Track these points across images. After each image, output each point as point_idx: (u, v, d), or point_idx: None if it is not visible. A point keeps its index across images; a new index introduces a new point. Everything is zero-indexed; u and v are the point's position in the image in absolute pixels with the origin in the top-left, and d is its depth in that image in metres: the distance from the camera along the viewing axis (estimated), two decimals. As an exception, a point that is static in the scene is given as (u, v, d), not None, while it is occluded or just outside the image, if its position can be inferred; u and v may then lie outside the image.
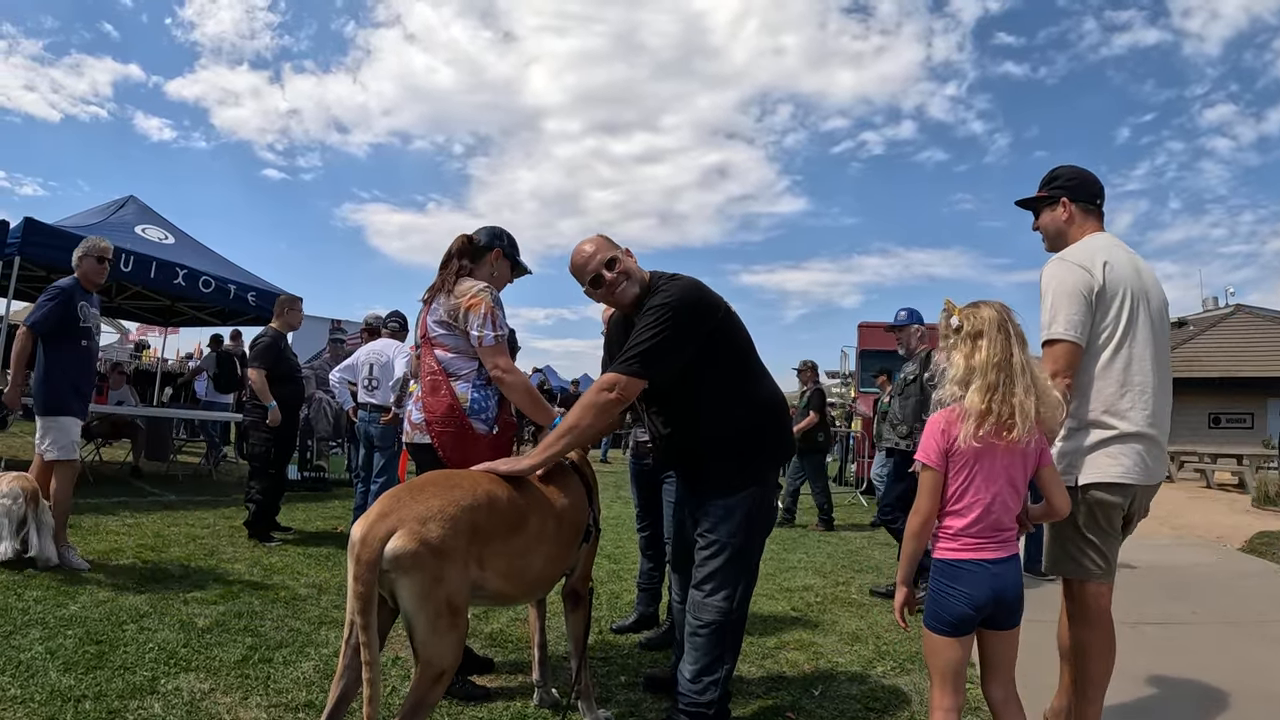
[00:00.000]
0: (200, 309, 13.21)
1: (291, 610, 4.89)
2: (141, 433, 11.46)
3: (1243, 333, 28.34)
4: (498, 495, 2.96)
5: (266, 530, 7.17)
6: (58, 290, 5.63)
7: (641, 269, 3.54)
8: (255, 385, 7.32)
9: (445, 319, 3.74)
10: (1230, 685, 4.44)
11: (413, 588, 2.58)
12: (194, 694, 3.48)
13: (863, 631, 5.20)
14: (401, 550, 2.55)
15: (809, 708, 3.81)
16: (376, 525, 2.60)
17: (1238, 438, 24.69)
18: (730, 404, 3.43)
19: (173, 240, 10.99)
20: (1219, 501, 14.97)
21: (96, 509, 7.89)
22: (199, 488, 10.61)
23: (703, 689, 3.30)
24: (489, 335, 3.64)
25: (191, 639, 4.20)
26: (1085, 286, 3.11)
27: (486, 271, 3.98)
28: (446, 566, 2.63)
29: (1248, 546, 9.61)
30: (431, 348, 3.79)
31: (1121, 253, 3.27)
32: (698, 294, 3.38)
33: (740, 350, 3.53)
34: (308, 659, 4.00)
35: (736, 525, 3.37)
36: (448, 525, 2.67)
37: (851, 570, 7.35)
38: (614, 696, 3.84)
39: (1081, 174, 3.47)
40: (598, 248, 3.50)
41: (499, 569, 2.90)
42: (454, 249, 3.90)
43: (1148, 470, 3.14)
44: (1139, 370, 3.12)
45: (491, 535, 2.86)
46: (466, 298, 3.70)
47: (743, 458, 3.43)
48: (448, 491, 2.81)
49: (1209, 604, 6.45)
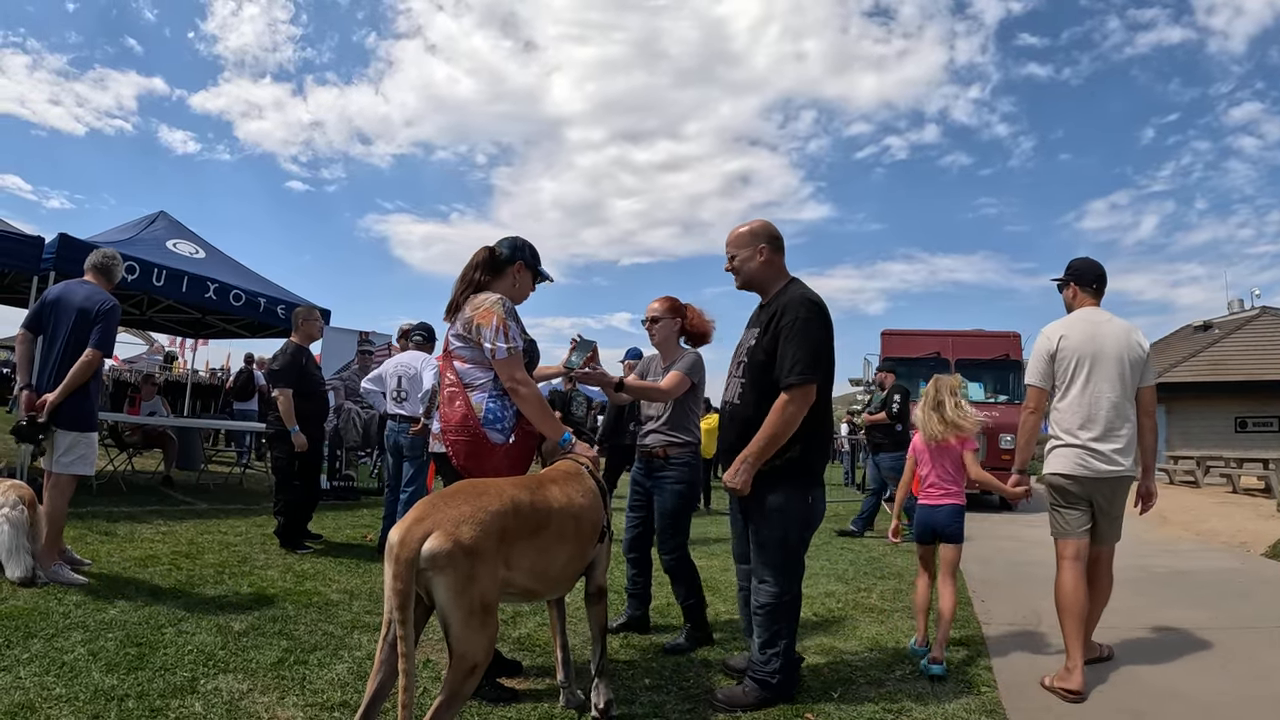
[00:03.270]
0: (230, 321, 13.40)
1: (324, 615, 5.02)
2: (173, 443, 11.64)
3: (1269, 335, 27.98)
4: (522, 500, 3.16)
5: (297, 539, 7.29)
6: (117, 310, 5.65)
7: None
8: (281, 409, 7.29)
9: (462, 332, 3.81)
10: (1248, 690, 4.45)
11: (448, 585, 2.76)
12: (233, 694, 3.61)
13: (883, 637, 5.27)
14: (438, 550, 2.74)
15: (828, 710, 3.87)
16: (414, 528, 2.78)
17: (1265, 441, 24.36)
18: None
19: (204, 255, 11.18)
20: (1244, 506, 14.80)
21: (131, 517, 8.06)
22: (230, 497, 10.82)
23: (766, 660, 3.90)
24: (501, 348, 3.71)
25: (228, 642, 4.34)
26: (1046, 351, 4.74)
27: (508, 284, 4.02)
28: (479, 566, 2.82)
29: (1271, 552, 9.53)
30: (450, 360, 3.86)
31: (1084, 325, 4.73)
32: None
33: None
34: (341, 661, 4.13)
35: (782, 520, 3.91)
36: (479, 528, 2.85)
37: (874, 577, 7.38)
38: (638, 698, 3.91)
39: (1086, 264, 4.95)
40: None
41: (525, 568, 3.13)
42: (475, 261, 3.99)
43: (1086, 466, 4.56)
44: (1084, 404, 4.60)
45: (518, 537, 3.06)
46: (479, 311, 3.78)
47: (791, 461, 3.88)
48: (477, 498, 2.99)
49: (1229, 609, 6.43)
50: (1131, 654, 5.10)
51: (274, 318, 11.12)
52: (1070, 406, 4.64)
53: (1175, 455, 23.11)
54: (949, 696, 4.13)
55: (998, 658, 4.92)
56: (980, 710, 3.96)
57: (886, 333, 16.64)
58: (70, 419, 5.44)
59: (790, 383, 3.77)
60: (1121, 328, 4.69)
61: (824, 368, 3.88)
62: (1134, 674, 4.71)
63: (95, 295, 5.57)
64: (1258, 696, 4.35)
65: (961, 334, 16.38)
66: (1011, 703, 4.13)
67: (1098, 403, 4.57)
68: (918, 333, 16.54)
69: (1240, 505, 15.24)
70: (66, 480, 5.45)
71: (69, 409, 5.42)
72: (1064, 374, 4.68)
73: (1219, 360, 26.70)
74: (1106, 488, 4.58)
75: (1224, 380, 25.61)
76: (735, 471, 3.84)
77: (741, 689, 3.91)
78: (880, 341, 16.59)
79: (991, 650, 5.06)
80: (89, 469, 5.64)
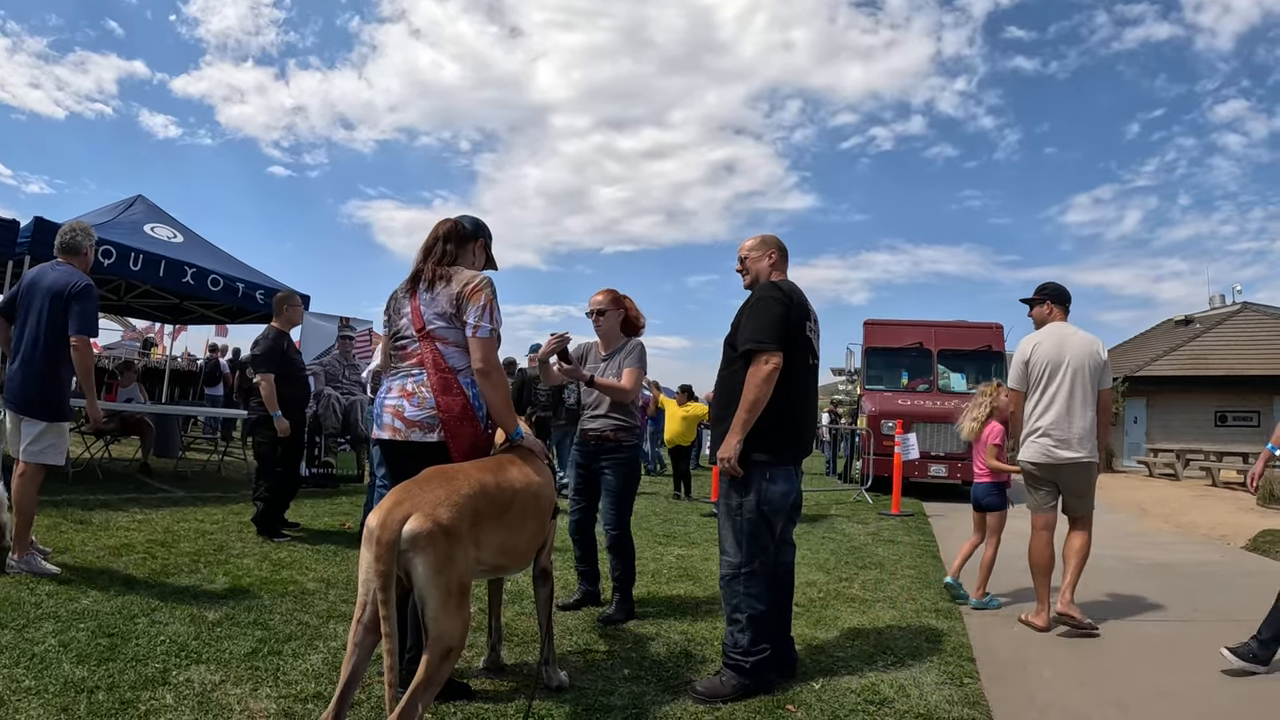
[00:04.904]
0: (209, 307, 13.27)
1: (300, 604, 4.96)
2: (150, 430, 11.52)
3: (1249, 330, 28.26)
4: (489, 483, 3.27)
5: (275, 527, 7.21)
6: (92, 288, 5.46)
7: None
8: (264, 394, 7.23)
9: (447, 310, 3.59)
10: (1231, 685, 4.47)
11: (427, 565, 2.82)
12: (205, 685, 3.55)
13: (864, 627, 5.25)
14: (418, 531, 2.81)
15: (808, 701, 3.85)
16: (394, 511, 2.85)
17: (1244, 436, 24.60)
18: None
19: (181, 239, 11.03)
20: (1224, 500, 14.92)
21: (106, 505, 7.97)
22: (207, 484, 10.71)
23: (733, 638, 4.00)
24: (485, 327, 3.55)
25: (202, 632, 4.28)
26: (1022, 359, 5.74)
27: (469, 260, 3.84)
28: (456, 547, 2.90)
29: (1251, 545, 9.62)
30: (432, 342, 3.60)
31: (1055, 336, 5.66)
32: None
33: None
34: (316, 651, 4.07)
35: (739, 494, 4.10)
36: (455, 510, 2.94)
37: (855, 567, 7.37)
38: (617, 689, 3.87)
39: (1059, 288, 5.94)
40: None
41: (494, 546, 3.25)
42: (441, 233, 3.78)
43: (1049, 455, 5.53)
44: (1051, 402, 5.55)
45: (487, 518, 3.16)
46: (469, 287, 3.58)
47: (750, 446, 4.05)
48: (449, 483, 3.08)
49: (1210, 602, 6.48)
50: (1115, 647, 5.13)
51: (252, 302, 10.99)
52: (1039, 405, 5.62)
53: (1155, 448, 23.27)
54: (932, 688, 4.12)
55: (981, 650, 4.92)
56: (963, 702, 3.95)
57: (869, 323, 16.65)
58: (41, 408, 5.31)
59: (747, 349, 4.03)
60: (1085, 339, 5.63)
61: (783, 341, 4.03)
62: (1118, 667, 4.74)
63: (66, 276, 5.39)
64: (1240, 691, 4.37)
65: (944, 325, 16.40)
66: (994, 694, 4.13)
67: (1062, 402, 5.51)
68: (900, 323, 16.56)
69: (1220, 498, 15.35)
70: (35, 469, 5.31)
71: (39, 397, 5.29)
72: (1036, 378, 5.64)
73: (1200, 355, 26.91)
74: (1069, 471, 5.54)
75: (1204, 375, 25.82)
76: (727, 446, 4.01)
77: (720, 679, 3.93)
78: (863, 331, 16.62)
79: (975, 642, 5.06)
80: (59, 459, 5.50)
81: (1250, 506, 13.48)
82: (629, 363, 5.33)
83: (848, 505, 12.87)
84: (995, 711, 3.90)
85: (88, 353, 5.43)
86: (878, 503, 12.93)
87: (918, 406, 14.79)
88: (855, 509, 12.36)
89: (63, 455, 5.55)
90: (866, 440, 14.89)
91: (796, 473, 4.33)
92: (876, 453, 14.39)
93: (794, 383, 4.12)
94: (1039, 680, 4.46)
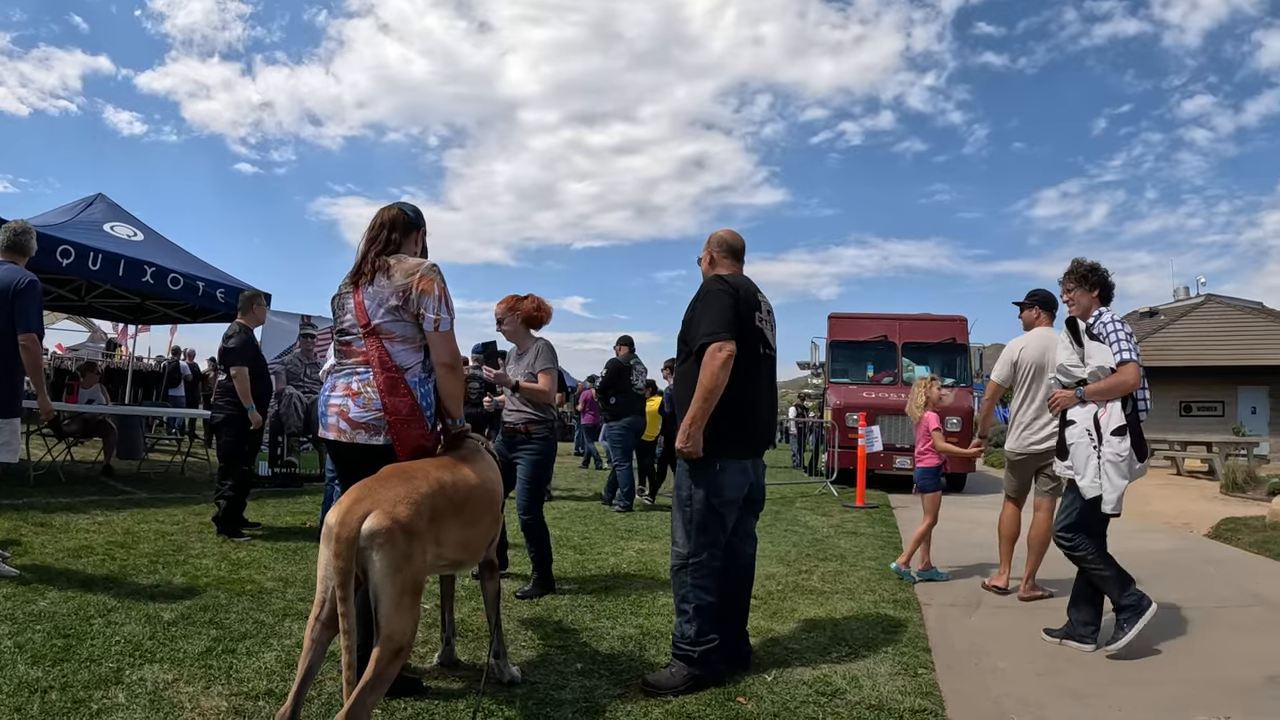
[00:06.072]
0: (171, 306, 13.15)
1: (257, 603, 4.96)
2: (113, 432, 11.44)
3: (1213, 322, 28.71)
4: (446, 480, 3.29)
5: (235, 526, 7.20)
6: (36, 285, 5.40)
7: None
8: (238, 386, 7.23)
9: (396, 302, 3.45)
10: (1187, 673, 4.47)
11: (384, 562, 2.84)
12: (158, 684, 3.56)
13: (821, 619, 5.28)
14: (377, 528, 2.84)
15: (760, 693, 3.86)
16: (353, 508, 2.87)
17: (1208, 425, 25.02)
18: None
19: (141, 237, 10.95)
20: (1188, 489, 15.08)
21: (68, 508, 7.91)
22: (170, 485, 10.63)
23: (678, 627, 4.09)
24: (445, 319, 3.47)
25: (157, 632, 4.27)
26: (1010, 359, 6.42)
27: (411, 249, 3.69)
28: (414, 545, 2.93)
29: (1213, 533, 9.72)
30: (379, 338, 3.47)
31: (1039, 341, 6.25)
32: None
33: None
34: (270, 650, 4.08)
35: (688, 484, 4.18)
36: (414, 508, 2.98)
37: (815, 559, 7.42)
38: (569, 683, 3.89)
39: (1049, 296, 6.46)
40: None
41: (453, 542, 3.27)
42: (386, 220, 3.63)
43: (1026, 446, 6.19)
44: (1034, 400, 6.14)
45: (445, 515, 3.19)
46: (417, 278, 3.44)
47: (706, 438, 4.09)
48: (408, 481, 3.11)
49: (1168, 590, 6.43)
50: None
51: (213, 301, 10.91)
52: (1024, 402, 6.26)
53: (1120, 438, 23.46)
54: (885, 678, 4.14)
55: (937, 640, 4.94)
56: (916, 692, 3.96)
57: (834, 316, 16.68)
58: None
59: (702, 344, 4.06)
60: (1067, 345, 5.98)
61: (735, 330, 4.08)
62: (1075, 656, 4.76)
63: (10, 274, 5.34)
64: (1197, 679, 4.38)
65: (908, 318, 16.47)
66: (949, 685, 4.14)
67: (1043, 400, 5.94)
68: (865, 316, 16.61)
69: (1184, 487, 15.53)
70: None
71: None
72: (1021, 377, 6.29)
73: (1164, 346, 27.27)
74: (1046, 459, 6.00)
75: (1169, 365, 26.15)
76: (683, 435, 4.06)
77: (669, 671, 3.97)
78: (827, 325, 16.66)
79: (932, 633, 5.09)
80: (12, 456, 5.47)
81: (1214, 495, 13.66)
82: (541, 365, 5.79)
83: (813, 498, 12.96)
84: (948, 702, 3.90)
85: (37, 350, 5.41)
86: (843, 495, 13.01)
87: (882, 399, 14.85)
88: (820, 502, 12.46)
89: (14, 453, 5.51)
90: (831, 433, 14.96)
91: (755, 466, 4.34)
92: (841, 445, 14.46)
93: (746, 374, 4.15)
94: (994, 671, 4.45)
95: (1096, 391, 4.88)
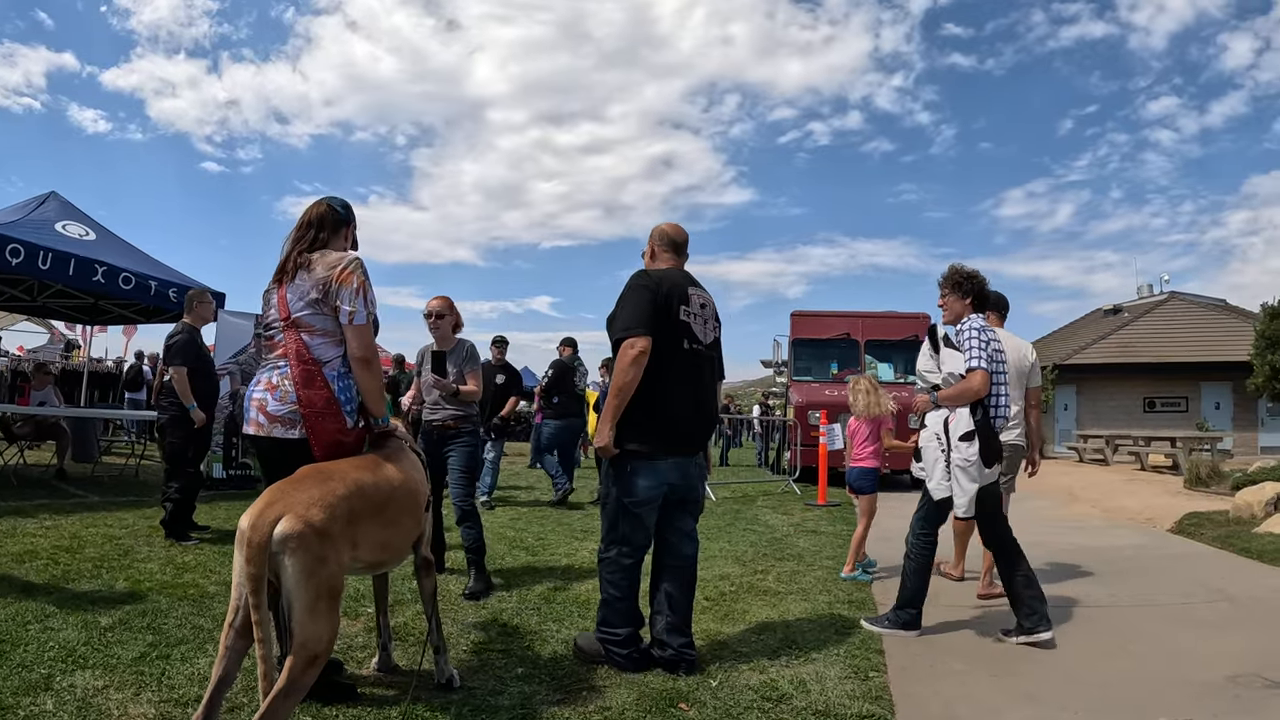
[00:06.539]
0: (126, 307, 12.98)
1: (197, 608, 4.88)
2: (65, 434, 11.27)
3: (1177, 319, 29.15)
4: (365, 480, 3.23)
5: (183, 529, 7.10)
6: None
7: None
8: (177, 385, 7.18)
9: (315, 295, 3.41)
10: (1149, 671, 4.41)
11: (298, 567, 2.76)
12: (87, 691, 3.49)
13: (772, 621, 5.18)
14: (290, 532, 2.76)
15: (703, 699, 3.75)
16: (265, 512, 2.80)
17: (1172, 421, 25.34)
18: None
19: (94, 236, 10.77)
20: (1152, 484, 15.19)
21: (17, 512, 7.80)
22: (123, 488, 10.48)
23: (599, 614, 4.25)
24: (361, 313, 3.42)
25: (93, 637, 4.20)
26: None
27: (340, 246, 3.65)
28: (328, 548, 2.85)
29: (1177, 528, 9.75)
30: (298, 331, 3.43)
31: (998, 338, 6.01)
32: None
33: None
34: (205, 655, 3.99)
35: (606, 482, 4.29)
36: (329, 511, 2.90)
37: (773, 559, 7.37)
38: (507, 689, 3.80)
39: (1001, 298, 6.41)
40: None
41: (371, 544, 3.20)
42: (312, 218, 3.59)
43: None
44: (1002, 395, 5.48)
45: (363, 517, 3.12)
46: (338, 270, 3.42)
47: (621, 435, 4.14)
48: (324, 482, 3.03)
49: (1131, 586, 6.47)
50: None
51: (166, 301, 10.75)
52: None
53: (1085, 434, 23.74)
54: (834, 683, 4.03)
55: (891, 642, 4.82)
56: (865, 697, 3.84)
57: (796, 314, 16.70)
58: None
59: (614, 339, 4.13)
60: (1017, 343, 6.27)
61: (651, 325, 4.07)
62: (1032, 655, 4.67)
63: None
64: (1159, 679, 4.30)
65: (871, 315, 16.49)
66: (900, 688, 4.03)
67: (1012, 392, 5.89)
68: (828, 314, 16.64)
69: (1149, 482, 15.65)
70: None
71: None
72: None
73: (1128, 343, 27.64)
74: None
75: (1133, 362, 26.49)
76: (598, 433, 4.12)
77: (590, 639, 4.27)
78: (790, 323, 16.66)
79: (884, 633, 4.97)
80: None
81: (1178, 490, 13.77)
82: (470, 366, 5.97)
83: (775, 496, 12.97)
84: (899, 707, 3.79)
85: None
86: (806, 493, 13.02)
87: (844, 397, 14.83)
88: (782, 500, 12.46)
89: None
90: (794, 431, 14.96)
91: (679, 465, 4.25)
92: (803, 444, 14.46)
93: (664, 371, 4.10)
94: (948, 673, 4.34)
95: (946, 397, 4.96)
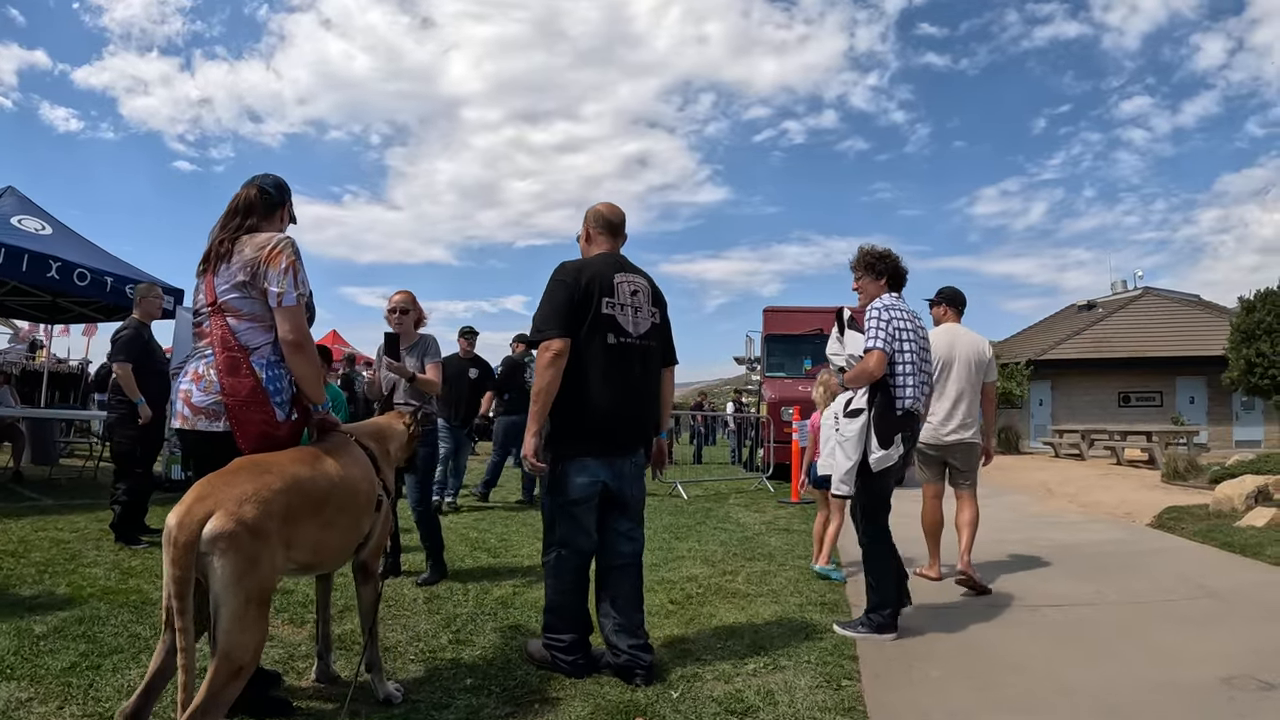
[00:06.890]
0: (85, 305, 12.69)
1: (137, 615, 4.65)
2: (22, 436, 11.00)
3: (1151, 314, 29.40)
4: (303, 476, 3.01)
5: (133, 532, 6.86)
6: None
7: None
8: (122, 381, 6.97)
9: (242, 277, 3.22)
10: (1134, 676, 4.18)
11: (228, 569, 2.57)
12: (9, 704, 3.30)
13: (740, 625, 4.94)
14: (220, 530, 2.57)
15: (663, 712, 3.53)
16: (194, 508, 2.60)
17: (1147, 415, 25.51)
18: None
19: (50, 231, 10.46)
20: (1129, 478, 15.20)
21: (-34, 516, 7.51)
22: (79, 491, 10.22)
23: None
24: (290, 294, 3.20)
25: (24, 646, 4.00)
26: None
27: (276, 228, 3.47)
28: (262, 549, 2.65)
29: (1156, 522, 9.64)
30: (223, 316, 3.23)
31: (948, 336, 6.35)
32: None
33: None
34: (138, 665, 3.76)
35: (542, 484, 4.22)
36: (262, 507, 2.70)
37: (743, 559, 7.16)
38: (455, 700, 3.60)
39: (957, 293, 6.66)
40: None
41: (307, 544, 2.99)
42: (239, 204, 3.39)
43: (937, 438, 6.25)
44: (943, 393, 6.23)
45: (300, 515, 2.91)
46: (266, 251, 3.22)
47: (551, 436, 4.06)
48: (260, 476, 2.82)
49: (1114, 583, 6.29)
50: (1011, 637, 4.88)
51: (123, 298, 10.31)
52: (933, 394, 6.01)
53: (1060, 429, 23.77)
54: (804, 692, 3.79)
55: (865, 647, 4.57)
56: (837, 708, 3.61)
57: (769, 310, 16.69)
58: None
59: (529, 341, 4.13)
60: (973, 339, 6.43)
61: (567, 324, 3.91)
62: (1013, 660, 4.45)
63: None
64: (1148, 683, 4.10)
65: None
66: (875, 697, 3.79)
67: (953, 392, 6.26)
68: (800, 310, 16.57)
69: (1125, 477, 15.68)
70: None
71: None
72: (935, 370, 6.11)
73: (1103, 338, 27.80)
74: (957, 450, 6.33)
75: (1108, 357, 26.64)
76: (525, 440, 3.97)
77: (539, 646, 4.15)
78: (763, 319, 16.60)
79: (858, 638, 4.71)
80: None
81: (1155, 484, 13.77)
82: (430, 358, 5.97)
83: (748, 494, 12.83)
84: (873, 717, 3.58)
85: None
86: (779, 490, 12.89)
87: None
88: (755, 498, 12.32)
89: None
90: (766, 428, 14.85)
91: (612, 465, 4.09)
92: (776, 440, 14.33)
93: (588, 368, 3.94)
94: (926, 680, 4.12)
95: (849, 379, 5.05)
